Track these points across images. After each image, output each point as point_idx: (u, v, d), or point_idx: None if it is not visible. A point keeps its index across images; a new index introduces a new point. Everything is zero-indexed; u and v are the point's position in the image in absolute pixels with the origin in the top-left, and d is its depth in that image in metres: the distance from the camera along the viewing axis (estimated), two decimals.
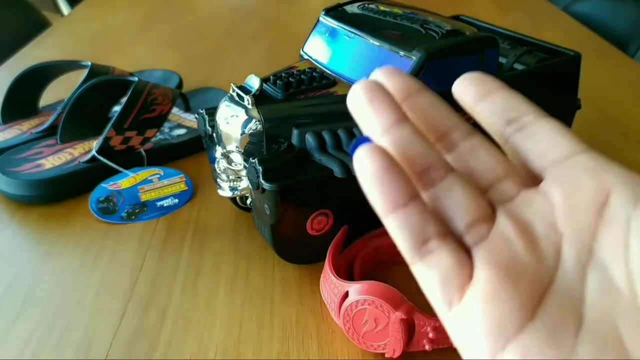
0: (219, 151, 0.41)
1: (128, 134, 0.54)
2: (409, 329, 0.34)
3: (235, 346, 0.36)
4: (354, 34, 0.42)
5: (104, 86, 0.57)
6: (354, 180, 0.37)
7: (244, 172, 0.40)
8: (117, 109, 0.57)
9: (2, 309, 0.40)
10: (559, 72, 0.47)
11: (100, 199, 0.51)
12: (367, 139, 0.21)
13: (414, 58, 0.38)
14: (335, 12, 0.46)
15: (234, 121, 0.39)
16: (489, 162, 0.22)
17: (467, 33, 0.41)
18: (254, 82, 0.39)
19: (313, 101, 0.40)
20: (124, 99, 0.54)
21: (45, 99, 0.64)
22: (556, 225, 0.21)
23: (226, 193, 0.42)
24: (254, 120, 0.39)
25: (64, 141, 0.56)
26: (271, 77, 0.41)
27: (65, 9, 1.72)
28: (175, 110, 0.64)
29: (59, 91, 0.64)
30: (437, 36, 0.41)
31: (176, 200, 0.51)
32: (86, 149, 0.55)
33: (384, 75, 0.24)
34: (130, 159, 0.55)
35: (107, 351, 0.36)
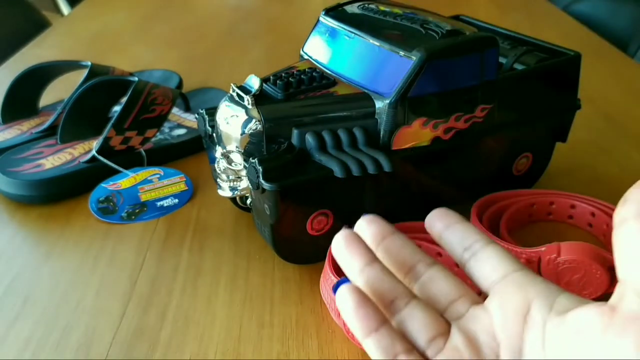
0: (219, 151, 0.41)
1: (128, 134, 0.54)
2: None
3: (235, 346, 0.36)
4: (354, 34, 0.42)
5: (104, 86, 0.57)
6: (354, 180, 0.38)
7: (244, 172, 0.40)
8: (117, 109, 0.57)
9: (2, 309, 0.40)
10: (559, 72, 0.47)
11: (100, 199, 0.51)
12: (346, 280, 0.28)
13: (414, 58, 0.38)
14: (335, 12, 0.46)
15: (234, 121, 0.39)
16: (444, 288, 0.29)
17: (467, 33, 0.41)
18: (254, 82, 0.39)
19: (313, 101, 0.40)
20: (124, 99, 0.55)
21: (45, 99, 0.64)
22: (495, 334, 0.26)
23: (226, 193, 0.42)
24: (254, 120, 0.39)
25: (64, 141, 0.56)
26: (271, 77, 0.41)
27: (65, 9, 1.72)
28: (175, 110, 0.64)
29: (59, 91, 0.64)
30: (437, 36, 0.41)
31: (176, 200, 0.51)
32: (86, 149, 0.55)
33: (366, 222, 0.31)
34: (130, 159, 0.55)
35: (107, 351, 0.36)
